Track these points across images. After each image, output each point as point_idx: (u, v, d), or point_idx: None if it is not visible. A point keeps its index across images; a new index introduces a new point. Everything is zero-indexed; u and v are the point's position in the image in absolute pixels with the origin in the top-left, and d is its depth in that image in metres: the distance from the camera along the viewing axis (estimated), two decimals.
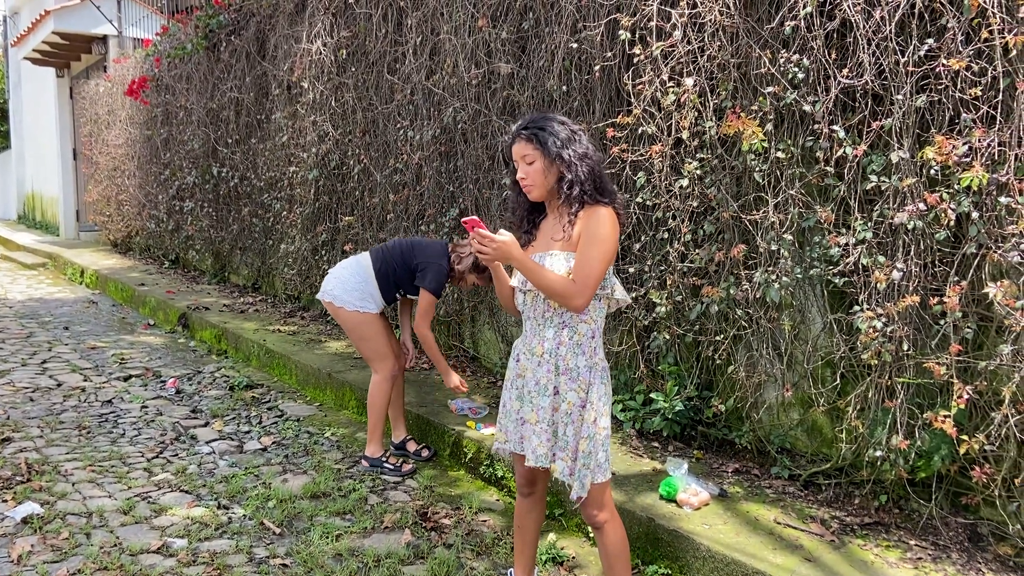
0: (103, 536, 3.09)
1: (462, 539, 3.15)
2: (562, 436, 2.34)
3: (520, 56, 4.46)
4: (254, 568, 2.88)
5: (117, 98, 11.00)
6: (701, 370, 3.68)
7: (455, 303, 5.18)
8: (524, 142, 2.33)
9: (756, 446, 3.52)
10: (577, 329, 2.34)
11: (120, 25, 12.07)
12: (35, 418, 4.53)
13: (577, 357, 2.33)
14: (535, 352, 2.37)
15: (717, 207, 3.46)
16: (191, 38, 8.37)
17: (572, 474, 2.32)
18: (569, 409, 2.32)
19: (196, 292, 8.15)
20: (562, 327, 2.34)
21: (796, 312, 3.32)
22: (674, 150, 3.57)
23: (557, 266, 2.30)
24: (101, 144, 11.75)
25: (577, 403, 2.32)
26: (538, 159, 2.31)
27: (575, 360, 2.33)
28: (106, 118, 11.53)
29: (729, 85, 3.36)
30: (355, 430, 4.46)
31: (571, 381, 2.32)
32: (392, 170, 5.55)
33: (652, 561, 2.94)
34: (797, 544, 2.79)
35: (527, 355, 2.41)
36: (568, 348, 2.33)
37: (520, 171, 2.36)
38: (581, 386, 2.32)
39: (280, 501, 3.42)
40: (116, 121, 11.13)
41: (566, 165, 2.30)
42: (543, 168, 2.32)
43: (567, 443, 2.33)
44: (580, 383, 2.32)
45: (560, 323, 2.34)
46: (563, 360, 2.33)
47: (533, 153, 2.32)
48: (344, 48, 5.85)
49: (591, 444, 2.31)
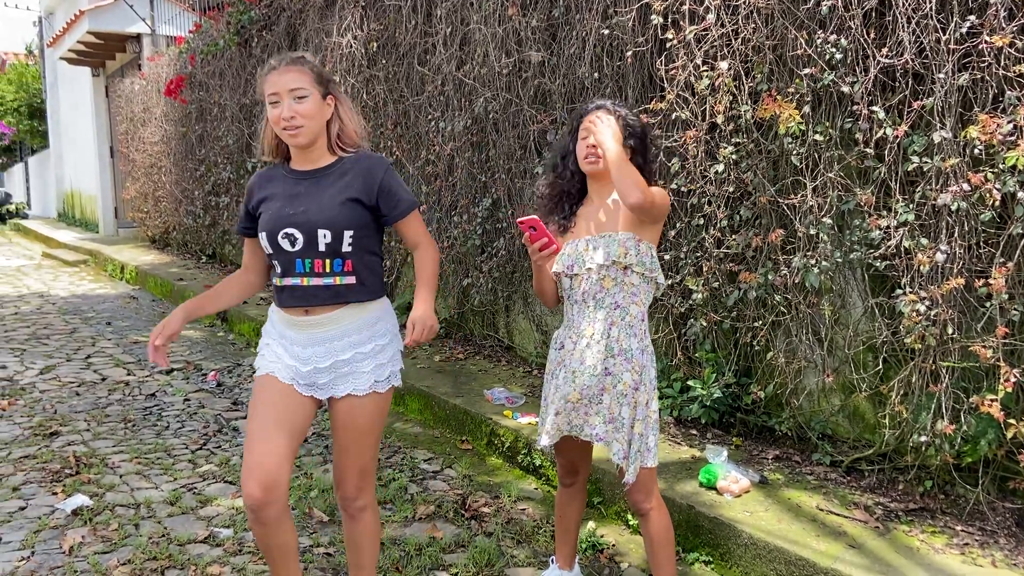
0: (151, 527, 3.16)
1: (502, 527, 3.17)
2: (617, 417, 2.32)
3: (551, 44, 4.44)
4: (299, 557, 2.92)
5: (152, 96, 11.16)
6: (739, 357, 3.66)
7: (489, 293, 5.19)
8: (608, 116, 2.32)
9: (796, 433, 3.49)
10: (628, 311, 2.33)
11: (153, 23, 12.24)
12: (81, 412, 4.64)
13: (630, 339, 2.33)
14: (584, 334, 2.35)
15: (754, 192, 3.42)
16: (223, 34, 8.46)
17: (626, 457, 2.31)
18: (624, 390, 2.31)
19: None
20: (614, 307, 2.33)
21: (836, 297, 3.28)
22: (709, 135, 3.53)
23: (613, 248, 2.29)
24: (137, 142, 11.94)
25: (631, 385, 2.31)
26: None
27: (628, 342, 2.33)
28: (142, 116, 11.70)
29: (764, 68, 3.32)
30: (393, 420, 4.50)
31: (626, 362, 2.31)
32: (424, 161, 5.57)
33: (693, 549, 2.94)
34: (840, 531, 2.77)
35: (573, 339, 2.38)
36: (620, 329, 2.33)
37: (590, 140, 2.34)
38: (635, 368, 2.32)
39: (322, 491, 3.47)
40: (151, 119, 11.29)
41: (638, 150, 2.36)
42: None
43: (622, 424, 2.31)
44: (634, 364, 2.32)
45: (612, 304, 2.33)
46: (616, 342, 2.32)
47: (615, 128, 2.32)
48: (374, 41, 5.87)
49: (644, 427, 2.32)
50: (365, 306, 2.24)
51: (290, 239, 2.17)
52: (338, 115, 2.24)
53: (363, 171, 2.21)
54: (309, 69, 2.17)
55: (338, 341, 2.22)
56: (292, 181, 2.25)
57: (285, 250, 2.19)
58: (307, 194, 2.20)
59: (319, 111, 2.18)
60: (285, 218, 2.18)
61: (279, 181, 2.27)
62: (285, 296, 2.23)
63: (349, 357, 2.22)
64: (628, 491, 2.39)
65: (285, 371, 2.24)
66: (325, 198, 2.18)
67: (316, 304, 2.20)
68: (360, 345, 2.23)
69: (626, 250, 2.29)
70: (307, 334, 2.23)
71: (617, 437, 2.32)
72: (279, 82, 2.14)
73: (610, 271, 2.31)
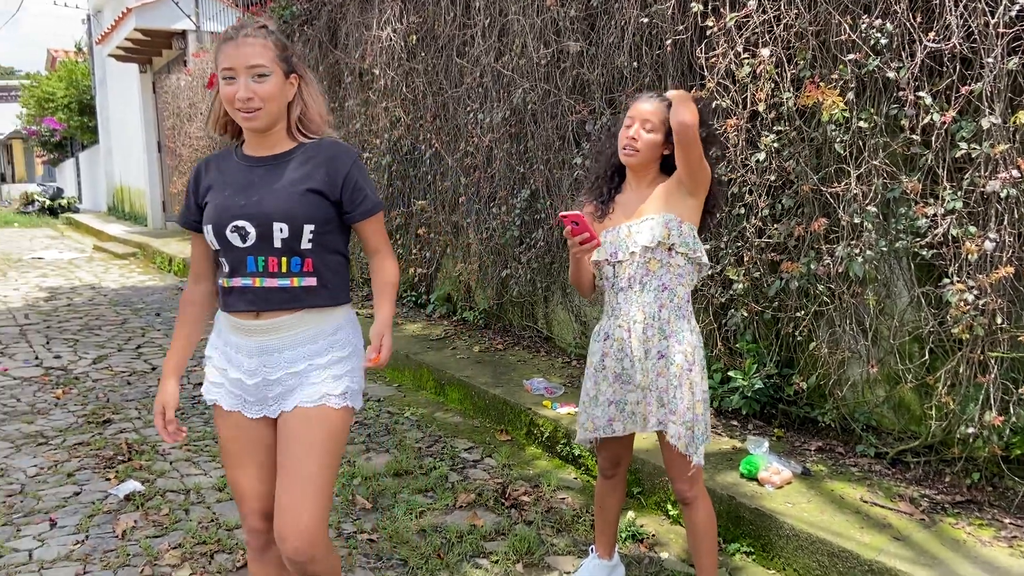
0: (201, 512, 3.24)
1: (542, 516, 3.19)
2: (671, 400, 2.31)
3: (589, 34, 4.42)
4: (343, 543, 2.98)
5: (197, 91, 11.37)
6: (781, 347, 3.62)
7: (527, 284, 5.21)
8: (658, 107, 2.30)
9: (840, 424, 3.45)
10: (676, 292, 2.33)
11: (198, 20, 12.45)
12: (132, 400, 4.77)
13: (680, 320, 2.33)
14: (636, 319, 2.34)
15: (796, 180, 3.38)
16: None
17: (680, 438, 2.31)
18: (678, 372, 2.30)
19: None
20: (662, 289, 2.33)
21: (881, 286, 3.23)
22: (750, 123, 3.50)
23: (657, 230, 2.29)
24: (184, 136, 12.17)
25: (685, 366, 2.31)
26: (659, 130, 2.30)
27: (679, 323, 2.33)
28: (187, 111, 11.93)
29: (807, 54, 3.27)
30: (433, 410, 4.55)
31: (678, 344, 2.31)
32: (463, 153, 5.60)
33: (734, 539, 2.93)
34: (885, 523, 2.73)
35: (624, 327, 2.36)
36: (670, 311, 2.33)
37: (632, 131, 2.31)
38: (688, 349, 2.32)
39: (365, 479, 3.53)
40: (197, 114, 11.50)
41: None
42: (659, 142, 2.32)
43: (676, 406, 2.31)
44: (687, 346, 2.32)
45: (660, 286, 2.33)
46: (667, 323, 2.32)
47: (657, 122, 2.29)
48: (413, 33, 5.91)
49: (704, 408, 2.33)
50: (325, 312, 1.97)
51: (240, 233, 1.89)
52: (301, 97, 1.96)
53: (327, 160, 1.94)
54: (272, 42, 1.89)
55: (291, 351, 1.94)
56: (245, 168, 1.96)
57: (234, 246, 1.90)
58: (262, 183, 1.92)
59: (280, 92, 1.90)
60: (235, 208, 1.90)
61: (230, 167, 1.99)
62: (233, 298, 1.94)
63: (302, 369, 1.94)
64: (673, 479, 2.39)
65: (228, 395, 2.00)
66: (282, 187, 1.91)
67: (269, 309, 1.92)
68: (315, 356, 1.95)
69: (669, 230, 2.29)
70: (255, 341, 1.94)
71: (673, 419, 2.31)
72: (236, 56, 1.85)
73: (655, 253, 2.31)
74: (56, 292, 8.80)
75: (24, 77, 28.04)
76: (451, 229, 5.96)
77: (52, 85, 21.79)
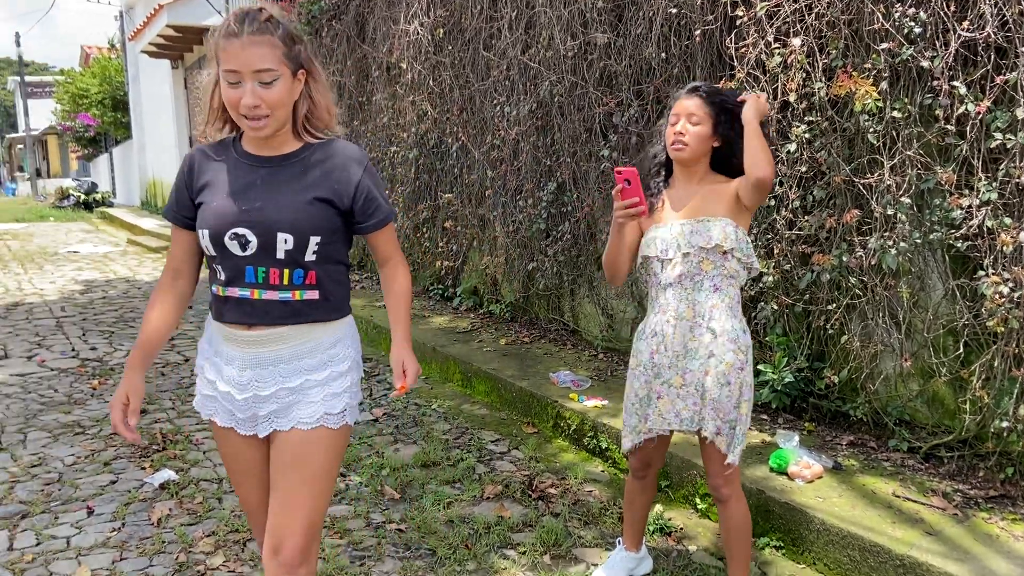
0: (233, 501, 3.29)
1: (569, 508, 3.20)
2: (715, 399, 2.29)
3: (617, 25, 4.40)
4: (372, 532, 3.01)
5: None
6: (812, 341, 3.58)
7: (554, 276, 5.21)
8: (700, 101, 2.29)
9: (872, 418, 3.41)
10: (727, 292, 2.31)
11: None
12: (167, 391, 4.85)
13: (731, 319, 2.30)
14: (683, 316, 2.32)
15: (828, 171, 3.34)
16: (295, 25, 8.63)
17: (719, 434, 2.29)
18: (727, 371, 2.28)
19: None
20: (713, 290, 2.30)
21: (914, 279, 3.18)
22: (780, 114, 3.46)
23: (715, 232, 2.26)
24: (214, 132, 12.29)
25: (736, 365, 2.28)
26: (706, 123, 2.29)
27: (730, 322, 2.30)
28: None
29: (839, 43, 3.22)
30: (460, 402, 4.57)
31: (729, 342, 2.28)
32: (489, 146, 5.60)
33: (764, 534, 2.91)
34: (917, 518, 2.70)
35: (671, 323, 2.33)
36: (721, 310, 2.30)
37: (678, 127, 2.30)
38: (740, 347, 2.29)
39: (393, 470, 3.56)
40: None
41: (731, 139, 2.30)
42: (706, 134, 2.29)
43: (722, 405, 2.29)
44: (739, 344, 2.29)
45: (712, 286, 2.30)
46: (718, 322, 2.29)
47: (702, 115, 2.28)
48: (440, 27, 5.92)
49: (748, 408, 2.32)
50: (326, 325, 1.85)
51: (240, 241, 1.74)
52: (308, 93, 1.79)
53: (337, 166, 1.79)
54: (280, 39, 1.70)
55: (286, 364, 1.81)
56: (246, 167, 1.79)
57: (233, 254, 1.76)
58: (265, 186, 1.76)
59: (289, 95, 1.74)
60: (235, 214, 1.74)
61: (230, 164, 1.80)
62: (229, 309, 1.80)
63: (297, 385, 1.82)
64: (710, 475, 2.37)
65: (222, 410, 1.88)
66: (288, 194, 1.75)
67: (267, 323, 1.79)
68: (313, 371, 1.83)
69: (727, 235, 2.26)
70: (248, 353, 1.81)
71: (716, 418, 2.29)
72: (241, 58, 1.66)
73: (710, 255, 2.28)
74: (91, 285, 8.96)
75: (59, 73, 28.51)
76: (478, 222, 5.97)
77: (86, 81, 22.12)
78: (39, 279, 9.42)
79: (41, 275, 9.76)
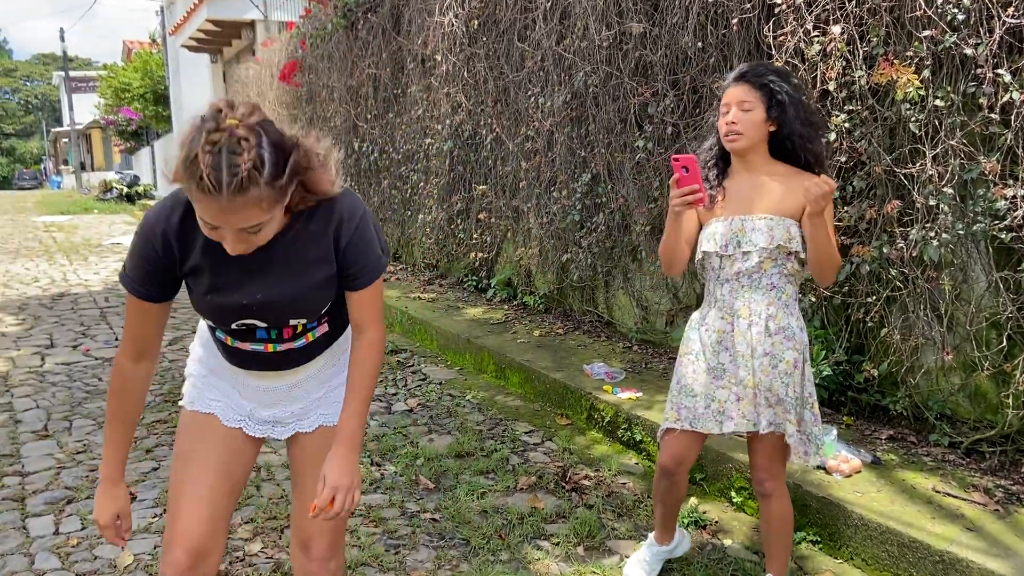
0: (271, 488, 3.35)
1: (603, 500, 3.20)
2: (784, 399, 2.24)
3: (652, 14, 4.36)
4: (406, 521, 3.04)
5: (266, 80, 11.63)
6: (851, 334, 3.53)
7: (588, 268, 5.19)
8: (748, 86, 2.20)
9: (912, 412, 3.35)
10: (784, 290, 2.26)
11: (266, 10, 12.72)
12: None
13: (788, 317, 2.26)
14: (740, 315, 2.27)
15: (868, 161, 3.28)
16: (331, 18, 8.70)
17: (790, 436, 2.25)
18: (787, 369, 2.24)
19: None
20: (770, 288, 2.25)
21: (957, 271, 3.12)
22: (820, 103, 3.40)
23: (777, 232, 2.20)
24: None
25: (794, 363, 2.25)
26: (758, 108, 2.20)
27: (787, 320, 2.26)
28: (257, 100, 12.17)
29: (880, 31, 3.16)
30: (494, 393, 4.59)
31: (787, 340, 2.24)
32: (523, 138, 5.60)
33: (800, 528, 2.88)
34: (958, 513, 2.65)
35: (728, 320, 2.30)
36: (778, 308, 2.25)
37: (730, 116, 2.21)
38: (797, 345, 2.25)
39: (427, 459, 3.59)
40: (265, 102, 11.76)
41: (787, 120, 2.20)
42: (760, 119, 2.20)
43: (790, 406, 2.25)
44: (796, 342, 2.25)
45: (768, 284, 2.25)
46: (774, 320, 2.25)
47: (753, 100, 2.19)
48: (475, 18, 5.92)
49: (811, 412, 2.29)
50: (339, 339, 1.84)
51: (249, 327, 1.66)
52: (303, 189, 1.54)
53: (332, 232, 1.61)
54: (267, 182, 1.37)
55: (311, 381, 1.82)
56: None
57: (241, 331, 1.69)
58: (264, 271, 1.59)
59: (280, 220, 1.53)
60: (236, 307, 1.61)
61: (210, 246, 1.54)
62: (240, 357, 1.74)
63: (322, 394, 1.84)
64: (755, 468, 2.35)
65: (233, 413, 1.81)
66: (289, 281, 1.61)
67: (285, 367, 1.75)
68: (333, 377, 1.85)
69: (791, 236, 2.21)
70: (273, 385, 1.79)
71: (788, 419, 2.25)
72: (222, 219, 1.39)
73: (772, 254, 2.23)
74: None
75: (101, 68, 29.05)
76: (512, 214, 5.97)
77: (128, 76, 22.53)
78: (84, 270, 9.65)
79: (86, 266, 9.99)
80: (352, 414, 1.67)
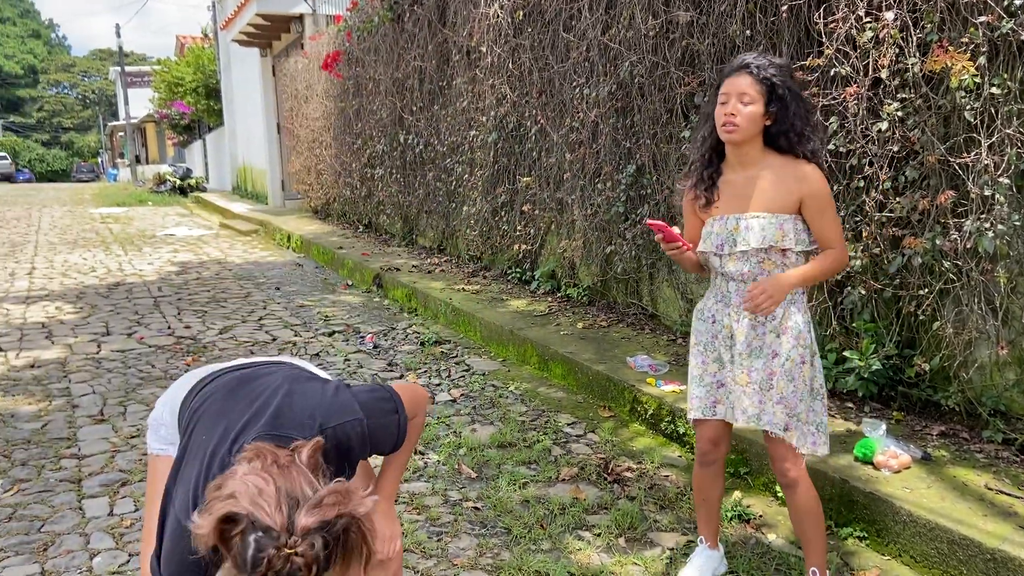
0: None
1: (645, 492, 3.19)
2: (787, 396, 2.24)
3: (699, 2, 4.30)
4: (449, 509, 3.07)
5: (314, 73, 11.77)
6: (901, 327, 3.45)
7: (632, 260, 5.16)
8: (751, 79, 2.17)
9: (965, 408, 3.27)
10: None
11: (314, 3, 12.86)
12: None
13: (795, 314, 2.25)
14: (743, 313, 2.27)
15: (921, 151, 3.20)
16: (378, 11, 8.77)
17: (788, 429, 2.25)
18: (791, 367, 2.24)
19: (387, 254, 8.65)
20: None
21: (1013, 263, 3.03)
22: (871, 91, 3.33)
23: (769, 231, 2.20)
24: (301, 118, 12.65)
25: (798, 360, 2.24)
26: (758, 102, 2.17)
27: (794, 317, 2.25)
28: (304, 93, 12.38)
29: (935, 16, 3.07)
30: (536, 385, 4.60)
31: (793, 339, 2.24)
32: (568, 129, 5.58)
33: (846, 523, 2.84)
34: (1011, 511, 2.58)
35: (733, 316, 2.30)
36: (783, 306, 2.24)
37: (728, 107, 2.18)
38: (802, 343, 2.24)
39: (470, 449, 3.62)
40: (313, 95, 11.92)
41: (786, 116, 2.18)
42: (758, 113, 2.18)
43: (787, 401, 2.24)
44: (801, 340, 2.24)
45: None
46: (779, 319, 2.24)
47: (754, 94, 2.17)
48: (520, 9, 5.91)
49: (822, 404, 2.30)
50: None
51: None
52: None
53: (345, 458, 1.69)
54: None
55: None
56: None
57: None
58: None
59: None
60: None
61: None
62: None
63: None
64: (773, 459, 2.34)
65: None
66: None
67: None
68: None
69: (784, 233, 2.19)
70: None
71: (774, 410, 2.25)
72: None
73: (768, 254, 2.22)
74: (186, 266, 9.36)
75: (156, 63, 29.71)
76: (556, 205, 5.96)
77: (181, 70, 22.99)
78: (138, 260, 9.91)
79: (140, 257, 10.26)
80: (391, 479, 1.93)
